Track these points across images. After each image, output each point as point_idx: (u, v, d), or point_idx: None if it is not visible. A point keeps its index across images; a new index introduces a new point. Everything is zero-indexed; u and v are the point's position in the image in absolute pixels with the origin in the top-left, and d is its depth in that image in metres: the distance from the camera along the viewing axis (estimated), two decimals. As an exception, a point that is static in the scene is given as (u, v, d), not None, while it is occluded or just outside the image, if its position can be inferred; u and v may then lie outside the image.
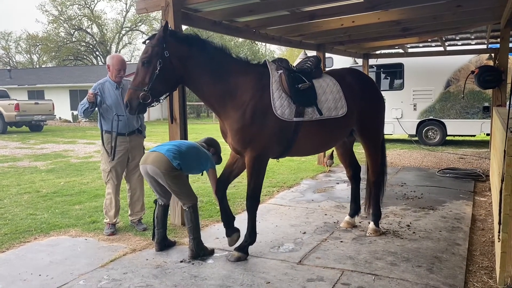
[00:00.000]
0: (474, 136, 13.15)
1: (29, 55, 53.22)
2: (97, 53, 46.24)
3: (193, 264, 3.93)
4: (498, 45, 9.07)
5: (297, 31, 7.64)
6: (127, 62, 5.03)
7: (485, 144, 13.06)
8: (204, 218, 5.39)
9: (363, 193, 5.18)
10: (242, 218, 5.10)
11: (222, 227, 4.99)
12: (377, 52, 12.21)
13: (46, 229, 5.02)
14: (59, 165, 10.07)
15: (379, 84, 13.10)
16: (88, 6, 44.43)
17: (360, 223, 5.11)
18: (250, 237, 4.11)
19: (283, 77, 4.02)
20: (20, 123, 20.21)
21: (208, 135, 4.73)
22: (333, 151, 8.12)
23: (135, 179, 4.96)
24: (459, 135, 13.32)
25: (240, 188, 7.01)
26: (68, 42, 44.56)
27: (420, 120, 12.94)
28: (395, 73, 13.33)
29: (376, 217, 4.76)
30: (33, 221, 5.35)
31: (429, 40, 10.70)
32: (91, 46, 46.10)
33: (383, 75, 13.60)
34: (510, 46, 8.42)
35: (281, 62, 4.19)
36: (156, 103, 3.91)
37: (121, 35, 46.71)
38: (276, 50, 53.75)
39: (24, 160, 10.86)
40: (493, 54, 11.06)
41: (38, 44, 47.19)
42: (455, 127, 12.62)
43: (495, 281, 3.50)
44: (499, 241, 3.45)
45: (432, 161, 10.05)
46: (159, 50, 3.70)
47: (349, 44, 9.68)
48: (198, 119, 32.73)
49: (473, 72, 8.77)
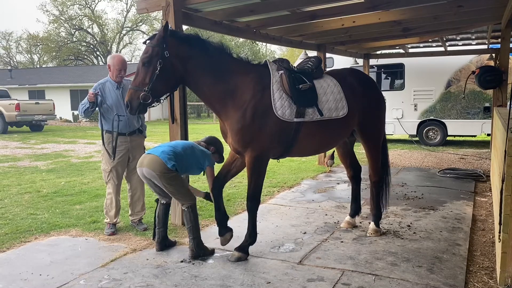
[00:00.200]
0: (474, 136, 13.15)
1: (29, 55, 53.32)
2: (97, 53, 46.27)
3: (193, 264, 3.93)
4: (499, 45, 9.04)
5: (298, 31, 7.64)
6: (127, 62, 5.03)
7: (485, 144, 13.06)
8: (204, 218, 5.39)
9: (363, 193, 5.17)
10: (243, 218, 5.11)
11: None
12: (378, 52, 12.21)
13: (47, 229, 5.03)
14: (59, 165, 10.08)
15: (379, 84, 13.10)
16: (88, 6, 44.49)
17: (360, 223, 5.11)
18: (251, 237, 4.10)
19: (283, 77, 4.01)
20: (21, 123, 20.24)
21: (209, 135, 4.73)
22: (333, 151, 8.11)
23: (136, 179, 4.96)
24: (460, 136, 13.32)
25: (241, 188, 7.02)
26: (68, 42, 44.61)
27: (420, 120, 12.93)
28: (395, 73, 13.33)
29: (377, 217, 4.75)
30: (34, 221, 5.35)
31: (430, 40, 10.69)
32: (91, 46, 46.14)
33: (383, 75, 13.59)
34: (511, 46, 8.41)
35: (281, 63, 4.18)
36: (157, 103, 3.90)
37: (121, 35, 46.74)
38: (277, 50, 53.81)
39: (24, 160, 10.87)
40: (494, 54, 11.05)
41: (39, 44, 47.23)
42: (455, 127, 12.61)
43: (495, 281, 3.50)
44: (499, 242, 3.45)
45: (433, 161, 10.05)
46: (160, 50, 3.69)
47: (349, 44, 9.68)
48: (198, 119, 32.75)
49: (473, 72, 8.76)
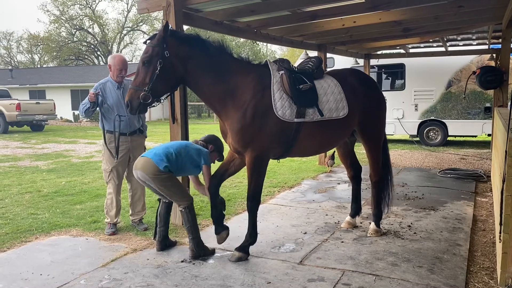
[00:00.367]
0: (475, 136, 13.14)
1: (30, 55, 53.39)
2: (98, 53, 46.29)
3: (194, 264, 3.93)
4: (499, 46, 9.04)
5: (299, 31, 7.64)
6: (128, 62, 5.03)
7: (486, 144, 13.05)
8: (204, 218, 5.39)
9: (364, 194, 5.17)
10: (243, 218, 5.11)
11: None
12: (379, 53, 12.21)
13: (47, 228, 5.03)
14: (60, 164, 10.08)
15: (380, 85, 13.09)
16: (89, 6, 44.52)
17: (361, 223, 5.11)
18: (251, 237, 4.10)
19: (284, 77, 4.01)
20: (22, 123, 20.26)
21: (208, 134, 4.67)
22: (334, 151, 8.12)
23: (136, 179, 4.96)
24: (461, 136, 13.32)
25: (241, 188, 7.02)
26: (69, 42, 44.63)
27: (421, 120, 12.93)
28: (396, 73, 13.32)
29: (377, 217, 4.75)
30: (34, 220, 5.35)
31: (431, 40, 10.69)
32: (92, 46, 46.15)
33: (384, 76, 13.59)
34: None
35: (282, 63, 4.18)
36: (157, 103, 3.90)
37: (122, 35, 46.75)
38: (278, 50, 53.84)
39: (25, 160, 10.87)
40: (494, 55, 11.05)
41: (40, 44, 47.27)
42: (456, 127, 12.61)
43: (496, 281, 3.49)
44: (500, 242, 3.45)
45: (433, 161, 10.04)
46: (160, 50, 3.69)
47: (350, 44, 9.68)
48: (199, 119, 32.76)
49: (474, 72, 8.76)
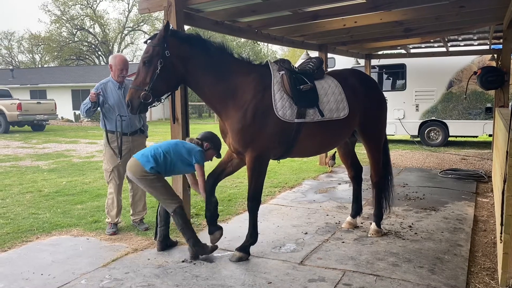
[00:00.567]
0: (476, 137, 13.12)
1: (31, 55, 53.42)
2: (99, 53, 46.31)
3: (194, 264, 3.94)
4: (500, 46, 9.02)
5: (300, 31, 7.63)
6: (129, 62, 5.03)
7: (487, 145, 13.03)
8: (205, 218, 5.37)
9: (365, 194, 5.17)
10: (244, 218, 5.11)
11: (224, 227, 4.99)
12: (379, 53, 12.20)
13: (48, 228, 5.03)
14: (61, 164, 10.09)
15: (381, 85, 13.08)
16: (90, 6, 44.52)
17: (361, 223, 5.11)
18: (252, 237, 4.10)
19: (285, 78, 4.01)
20: (23, 123, 20.29)
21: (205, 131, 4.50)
22: (335, 151, 8.11)
23: (137, 179, 4.96)
24: (461, 136, 13.31)
25: (242, 189, 7.02)
26: (70, 42, 44.65)
27: (422, 120, 12.91)
28: (397, 73, 13.31)
29: (378, 217, 4.74)
30: (35, 220, 5.36)
31: (432, 40, 10.68)
32: (93, 46, 46.18)
33: (385, 76, 13.58)
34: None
35: (283, 63, 4.18)
36: (158, 103, 3.91)
37: (123, 35, 46.76)
38: (278, 51, 53.86)
39: (26, 160, 10.88)
40: (495, 55, 11.03)
41: (41, 43, 47.30)
42: (457, 128, 12.60)
43: (497, 282, 3.49)
44: (501, 242, 3.45)
45: (434, 162, 10.04)
46: (160, 50, 3.70)
47: (351, 45, 9.68)
48: (200, 119, 32.78)
49: (475, 73, 8.74)
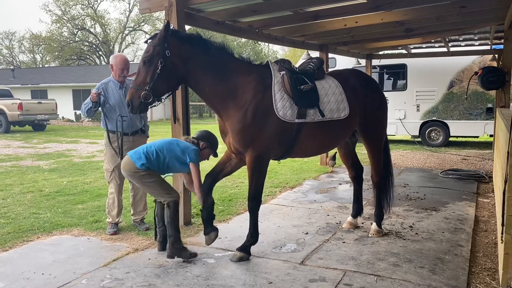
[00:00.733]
0: (477, 137, 13.11)
1: (32, 55, 53.47)
2: (100, 52, 46.36)
3: (195, 264, 3.93)
4: (501, 46, 9.02)
5: (300, 31, 7.63)
6: (130, 62, 5.04)
7: (488, 145, 13.02)
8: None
9: (365, 194, 5.16)
10: (244, 218, 5.11)
11: (224, 227, 5.01)
12: (380, 53, 12.20)
13: (49, 228, 5.04)
14: (62, 164, 10.10)
15: (382, 85, 13.08)
16: (91, 6, 44.56)
17: (362, 224, 5.10)
18: (252, 237, 4.10)
19: (285, 78, 4.01)
20: (23, 123, 20.30)
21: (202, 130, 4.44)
22: (335, 152, 8.11)
23: (138, 178, 4.96)
24: (462, 136, 13.30)
25: (242, 189, 7.02)
26: (71, 41, 44.70)
27: (423, 121, 12.91)
28: (398, 73, 13.31)
29: (379, 218, 4.74)
30: (36, 220, 5.36)
31: (433, 41, 10.67)
32: (94, 45, 46.22)
33: (386, 76, 13.58)
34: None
35: (283, 63, 4.18)
36: (158, 103, 3.90)
37: (124, 35, 46.81)
38: (279, 51, 53.89)
39: (27, 159, 10.89)
40: (496, 55, 11.02)
41: (42, 43, 47.37)
42: (458, 128, 12.59)
43: (498, 282, 3.49)
44: (502, 243, 3.44)
45: (435, 162, 10.03)
46: (161, 50, 3.69)
47: (352, 45, 9.68)
48: (200, 119, 32.79)
49: (476, 73, 8.73)
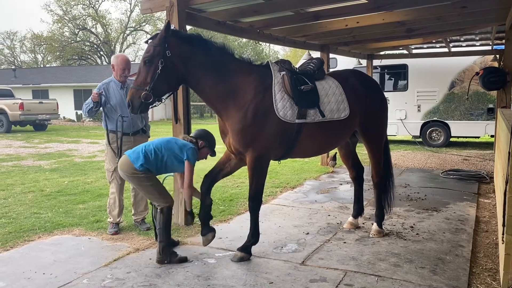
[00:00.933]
0: (478, 137, 13.10)
1: (33, 55, 53.60)
2: (101, 53, 46.43)
3: (196, 264, 3.94)
4: (503, 47, 9.03)
5: (301, 31, 7.64)
6: (131, 62, 5.05)
7: (489, 145, 13.01)
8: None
9: (366, 194, 5.16)
10: (245, 218, 5.11)
11: (225, 227, 5.02)
12: (381, 53, 12.20)
13: (50, 228, 5.04)
14: (63, 164, 10.11)
15: (383, 85, 13.09)
16: (92, 6, 44.61)
17: (363, 224, 5.10)
18: (253, 238, 4.10)
19: (285, 78, 4.01)
20: (25, 122, 20.33)
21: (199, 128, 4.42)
22: (336, 152, 8.11)
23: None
24: (463, 137, 13.28)
25: (243, 189, 7.02)
26: (72, 41, 44.76)
27: (424, 121, 12.89)
28: (399, 74, 13.30)
29: (380, 218, 4.74)
30: (37, 220, 5.37)
31: (434, 41, 10.68)
32: (95, 46, 46.28)
33: (387, 76, 13.57)
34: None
35: (283, 64, 4.18)
36: (159, 103, 3.90)
37: (125, 35, 46.88)
38: (280, 51, 53.87)
39: (28, 159, 10.91)
40: (498, 56, 11.02)
41: (43, 43, 47.46)
42: (459, 128, 12.58)
43: (498, 283, 3.49)
44: (503, 243, 3.44)
45: (436, 162, 10.02)
46: (161, 50, 3.69)
47: (353, 45, 9.68)
48: (201, 119, 32.80)
49: (477, 73, 8.73)
